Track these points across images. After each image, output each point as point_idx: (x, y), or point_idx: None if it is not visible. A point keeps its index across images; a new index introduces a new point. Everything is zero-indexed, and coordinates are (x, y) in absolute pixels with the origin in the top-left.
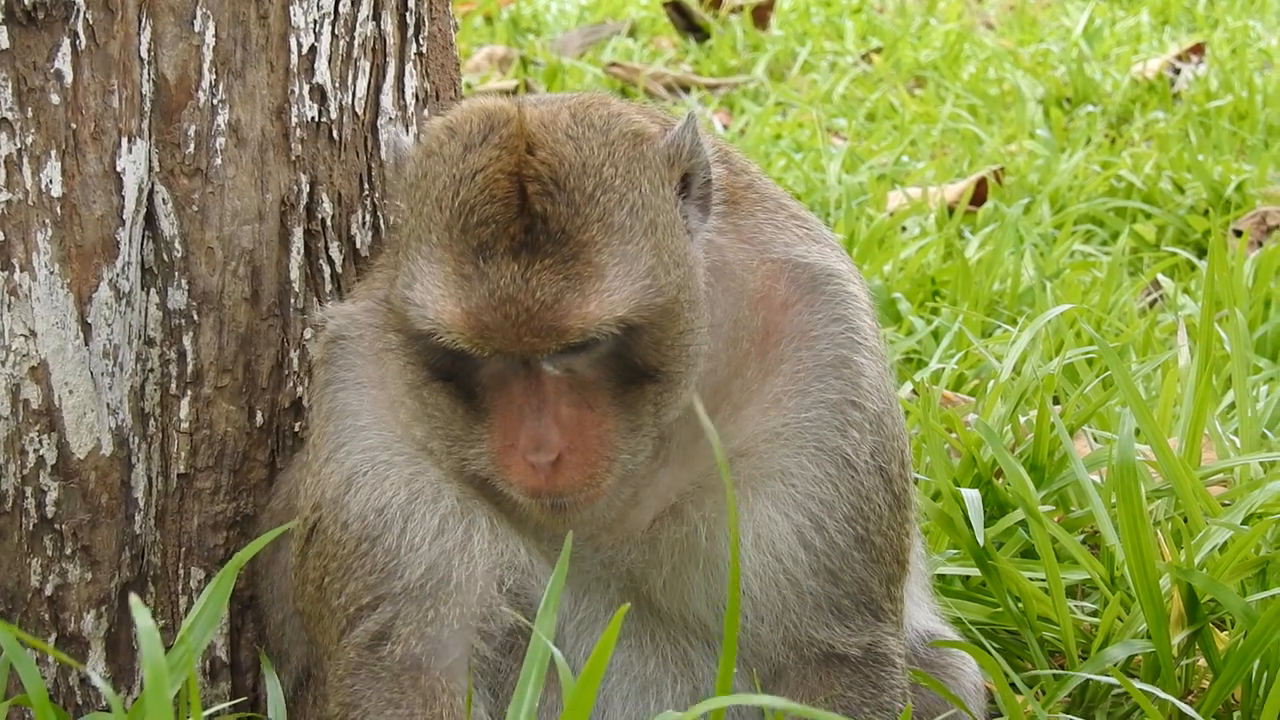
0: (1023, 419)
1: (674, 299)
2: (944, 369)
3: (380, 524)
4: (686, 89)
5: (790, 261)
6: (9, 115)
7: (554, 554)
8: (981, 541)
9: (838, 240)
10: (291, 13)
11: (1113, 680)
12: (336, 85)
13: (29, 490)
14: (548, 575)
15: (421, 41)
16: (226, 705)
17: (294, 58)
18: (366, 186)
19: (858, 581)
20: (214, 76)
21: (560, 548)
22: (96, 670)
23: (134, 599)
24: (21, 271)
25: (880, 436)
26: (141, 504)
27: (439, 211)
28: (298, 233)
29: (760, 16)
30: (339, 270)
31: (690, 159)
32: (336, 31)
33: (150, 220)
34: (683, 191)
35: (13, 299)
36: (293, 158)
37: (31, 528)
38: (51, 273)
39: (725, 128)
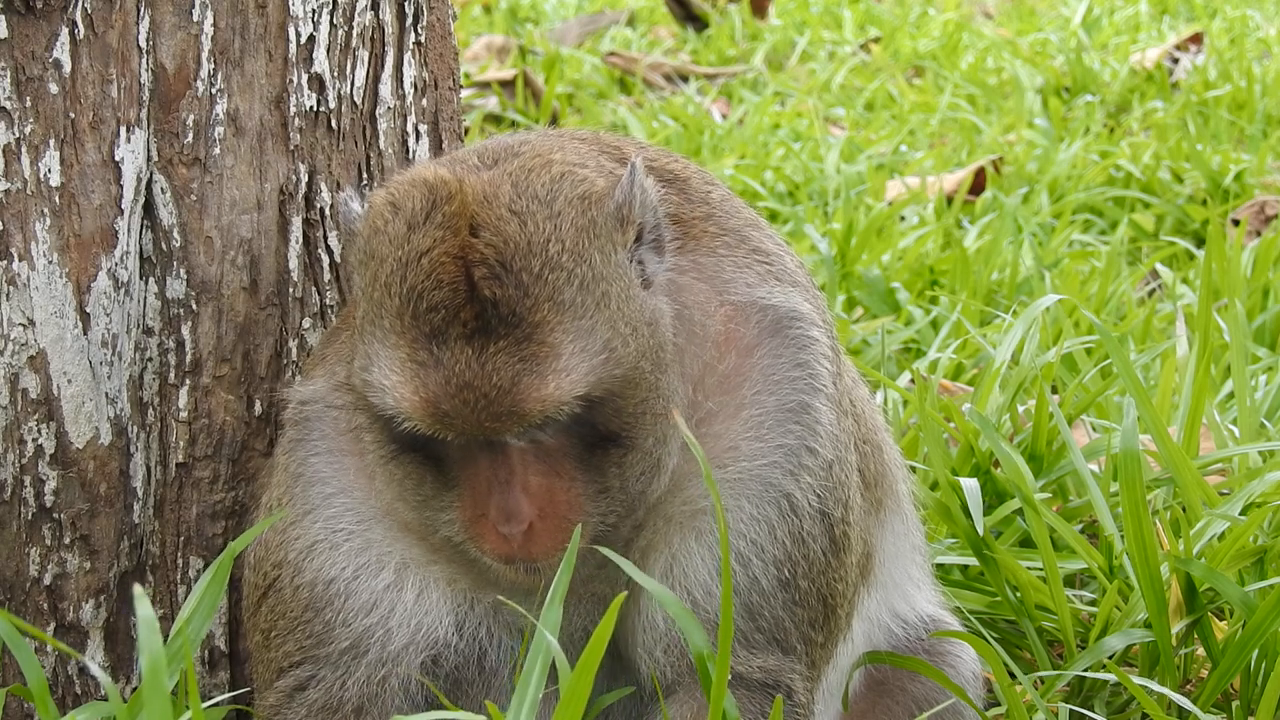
0: (1021, 408)
1: (634, 367)
2: (941, 358)
3: (326, 596)
4: (685, 78)
5: (754, 303)
6: (7, 105)
7: (521, 601)
8: (981, 531)
9: (803, 272)
10: (290, 2)
11: (1110, 676)
12: (335, 74)
13: (28, 479)
14: (500, 629)
15: (420, 31)
16: (226, 695)
17: (292, 47)
18: (365, 176)
19: (774, 619)
20: (212, 66)
21: (520, 598)
22: (95, 660)
23: (137, 588)
24: (20, 261)
25: (829, 483)
26: (140, 493)
27: (388, 297)
28: (296, 222)
29: (758, 6)
30: (337, 260)
31: (641, 213)
32: (335, 21)
33: (149, 209)
34: (636, 242)
35: (11, 288)
36: (291, 147)
37: (30, 517)
38: (50, 262)
39: (724, 117)
